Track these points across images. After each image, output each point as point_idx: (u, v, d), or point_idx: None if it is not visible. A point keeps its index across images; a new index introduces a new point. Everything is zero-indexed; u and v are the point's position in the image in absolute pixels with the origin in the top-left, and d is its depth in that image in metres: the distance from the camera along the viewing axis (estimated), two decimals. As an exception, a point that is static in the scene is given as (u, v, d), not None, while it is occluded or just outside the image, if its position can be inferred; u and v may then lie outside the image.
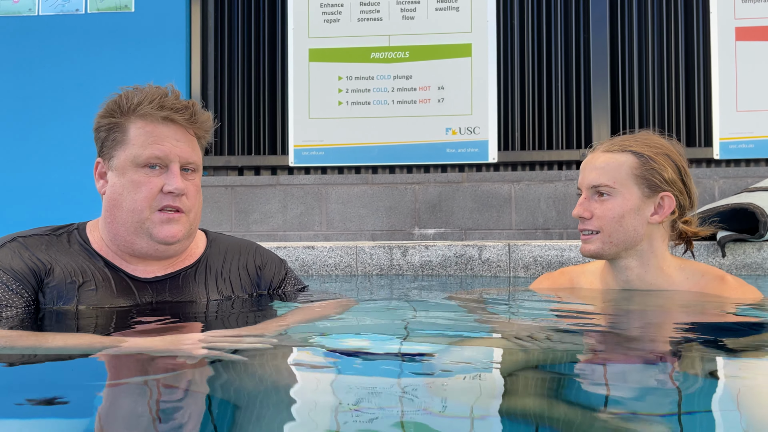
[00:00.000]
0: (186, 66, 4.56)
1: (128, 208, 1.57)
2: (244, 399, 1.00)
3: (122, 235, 1.60)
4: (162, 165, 1.57)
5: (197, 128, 1.63)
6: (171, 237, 1.59)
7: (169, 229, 1.58)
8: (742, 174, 4.18)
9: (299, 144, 4.51)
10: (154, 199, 1.57)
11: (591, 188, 1.81)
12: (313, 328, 1.53)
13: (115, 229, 1.60)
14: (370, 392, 1.02)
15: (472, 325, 1.57)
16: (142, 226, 1.58)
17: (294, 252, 3.29)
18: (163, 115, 1.57)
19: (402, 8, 4.51)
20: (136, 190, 1.56)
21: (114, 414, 0.93)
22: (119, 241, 1.62)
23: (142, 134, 1.57)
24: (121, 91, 1.63)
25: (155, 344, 1.23)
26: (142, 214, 1.57)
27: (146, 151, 1.55)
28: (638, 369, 1.18)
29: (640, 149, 1.79)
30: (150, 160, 1.56)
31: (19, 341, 1.28)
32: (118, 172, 1.58)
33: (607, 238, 1.80)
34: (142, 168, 1.56)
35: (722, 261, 3.05)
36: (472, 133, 4.41)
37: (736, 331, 1.53)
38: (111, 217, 1.60)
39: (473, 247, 3.26)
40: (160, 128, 1.58)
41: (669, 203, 1.78)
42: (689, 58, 4.42)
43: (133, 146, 1.56)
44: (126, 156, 1.57)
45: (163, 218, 1.58)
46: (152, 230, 1.58)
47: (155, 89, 1.62)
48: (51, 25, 4.57)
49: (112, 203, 1.59)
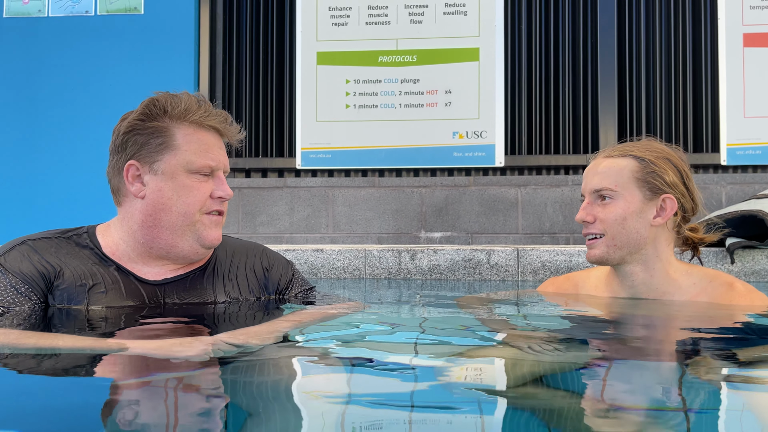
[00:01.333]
0: (194, 68, 4.57)
1: (179, 211, 1.61)
2: (251, 403, 1.00)
3: (164, 237, 1.63)
4: (210, 171, 1.64)
5: (233, 137, 1.71)
6: (216, 239, 1.67)
7: (216, 232, 1.66)
8: (749, 180, 4.17)
9: (306, 147, 4.52)
10: (204, 204, 1.63)
11: (593, 192, 1.83)
12: (320, 331, 1.53)
13: (156, 233, 1.62)
14: (378, 398, 1.02)
15: (479, 334, 1.57)
16: (192, 228, 1.63)
17: (303, 255, 3.30)
18: (212, 124, 1.65)
19: (410, 12, 4.52)
20: (189, 194, 1.61)
21: (124, 415, 0.93)
22: (156, 244, 1.63)
23: (194, 141, 1.62)
24: (156, 95, 1.64)
25: (161, 347, 1.24)
26: (194, 216, 1.62)
27: (200, 159, 1.61)
28: (644, 379, 1.18)
29: (641, 153, 1.82)
30: (203, 168, 1.62)
31: (27, 342, 1.29)
32: (165, 177, 1.60)
33: (611, 241, 1.81)
34: (194, 174, 1.62)
35: (731, 268, 3.05)
36: (479, 137, 4.41)
37: (745, 340, 1.52)
38: (153, 221, 1.62)
39: (482, 251, 3.26)
40: (208, 136, 1.65)
41: (671, 205, 1.79)
42: (697, 64, 4.42)
43: (185, 152, 1.60)
44: (177, 161, 1.60)
45: (213, 220, 1.65)
46: (201, 232, 1.64)
47: (193, 97, 1.66)
48: (60, 26, 4.59)
49: (158, 206, 1.61)
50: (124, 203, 1.65)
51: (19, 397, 1.02)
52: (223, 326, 1.53)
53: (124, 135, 1.62)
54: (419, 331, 1.62)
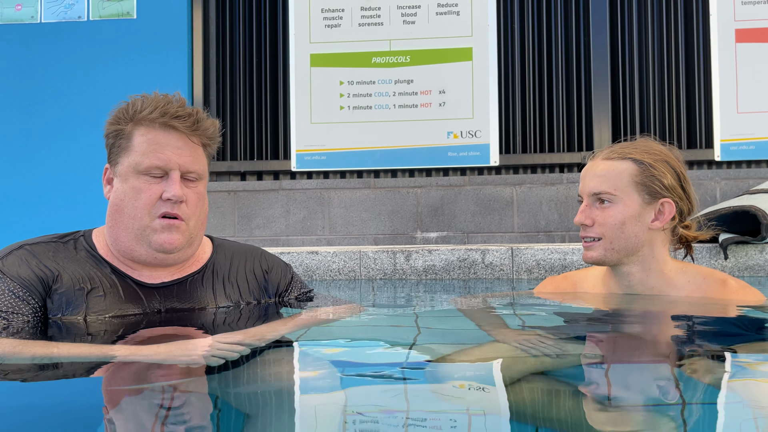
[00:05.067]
0: (188, 72, 4.57)
1: (129, 214, 1.58)
2: (249, 406, 1.01)
3: (123, 241, 1.61)
4: (163, 172, 1.58)
5: (200, 136, 1.63)
6: (168, 244, 1.58)
7: (167, 237, 1.58)
8: (743, 175, 4.18)
9: (301, 149, 4.52)
10: (153, 206, 1.57)
11: (592, 196, 1.83)
12: (319, 334, 1.54)
13: (117, 235, 1.61)
14: (375, 399, 1.03)
15: (477, 333, 1.57)
16: (143, 233, 1.58)
17: (298, 257, 3.30)
18: (164, 122, 1.58)
19: (403, 13, 4.53)
20: (137, 197, 1.57)
21: (121, 421, 0.93)
22: (120, 247, 1.62)
23: (144, 142, 1.58)
24: (129, 98, 1.64)
25: (158, 353, 1.24)
26: (143, 220, 1.57)
27: (147, 159, 1.56)
28: (642, 373, 1.19)
29: (639, 156, 1.81)
30: (150, 169, 1.57)
31: (25, 350, 1.29)
32: (121, 179, 1.60)
33: (609, 245, 1.81)
34: (144, 175, 1.57)
35: (724, 263, 3.06)
36: (474, 136, 4.42)
37: (739, 335, 1.53)
38: (113, 223, 1.61)
39: (476, 251, 3.27)
40: (162, 136, 1.58)
41: (669, 209, 1.80)
42: (689, 60, 4.43)
43: (136, 153, 1.57)
44: (129, 163, 1.58)
45: (163, 224, 1.57)
46: (151, 237, 1.58)
47: (161, 97, 1.62)
48: (53, 32, 4.59)
49: (114, 209, 1.60)
50: None
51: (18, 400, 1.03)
52: (223, 330, 1.53)
53: (104, 138, 1.65)
54: (415, 331, 1.62)
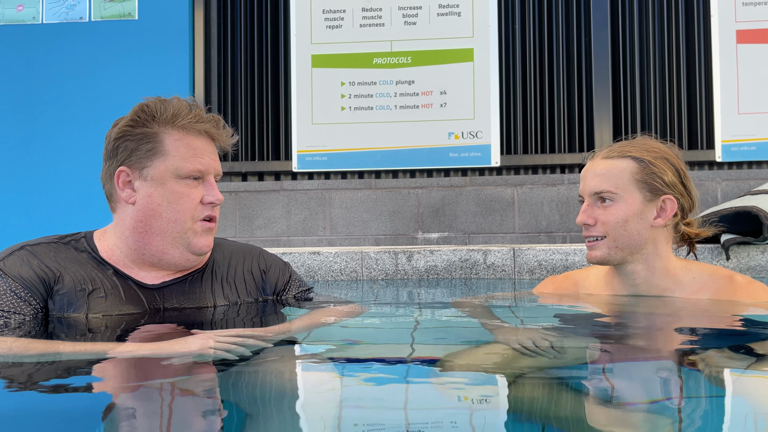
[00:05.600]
0: (189, 72, 4.57)
1: (169, 218, 1.60)
2: (249, 405, 1.01)
3: (155, 244, 1.62)
4: (199, 176, 1.62)
5: (224, 141, 1.69)
6: (206, 246, 1.65)
7: (206, 239, 1.65)
8: (744, 176, 4.18)
9: (302, 149, 4.52)
10: (196, 210, 1.62)
11: (593, 195, 1.83)
12: (320, 333, 1.54)
13: (147, 239, 1.62)
14: (376, 399, 1.03)
15: (477, 334, 1.57)
16: (183, 236, 1.61)
17: (299, 258, 3.30)
18: (203, 129, 1.63)
19: (404, 14, 4.53)
20: (179, 201, 1.60)
21: (123, 418, 0.93)
22: (149, 250, 1.63)
23: (182, 146, 1.60)
24: (145, 100, 1.64)
25: (159, 347, 1.25)
26: (185, 224, 1.61)
27: (189, 164, 1.60)
28: (644, 371, 1.19)
29: (639, 154, 1.82)
30: (193, 173, 1.60)
31: (27, 349, 1.30)
32: (155, 183, 1.59)
33: (612, 243, 1.81)
34: (183, 179, 1.60)
35: (726, 264, 3.06)
36: (475, 137, 4.42)
37: (749, 335, 1.53)
38: (144, 227, 1.61)
39: (478, 251, 3.27)
40: (198, 141, 1.63)
41: (671, 206, 1.80)
42: (690, 61, 4.43)
43: (174, 158, 1.59)
44: (166, 167, 1.59)
45: (204, 227, 1.63)
46: (191, 240, 1.62)
47: (183, 102, 1.64)
48: (55, 33, 4.59)
49: (148, 213, 1.60)
50: (118, 209, 1.66)
51: (17, 402, 1.03)
52: (222, 328, 1.53)
53: (114, 141, 1.62)
54: (416, 332, 1.62)
